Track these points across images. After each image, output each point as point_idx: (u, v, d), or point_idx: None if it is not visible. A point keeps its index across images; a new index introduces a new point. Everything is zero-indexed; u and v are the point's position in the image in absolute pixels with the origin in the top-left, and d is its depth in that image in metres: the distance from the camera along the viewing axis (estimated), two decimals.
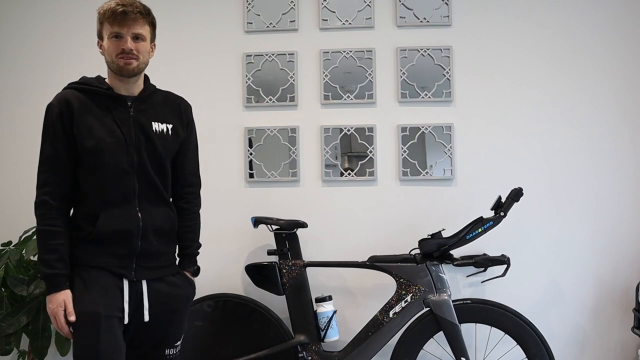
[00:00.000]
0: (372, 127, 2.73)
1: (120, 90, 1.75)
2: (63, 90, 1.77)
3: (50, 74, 2.85)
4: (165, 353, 1.79)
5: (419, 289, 2.37)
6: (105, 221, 1.68)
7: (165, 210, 1.80)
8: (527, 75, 2.72)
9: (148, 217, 1.73)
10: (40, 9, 2.87)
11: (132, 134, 1.73)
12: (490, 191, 2.61)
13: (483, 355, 2.59)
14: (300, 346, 2.45)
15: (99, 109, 1.72)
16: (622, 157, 2.68)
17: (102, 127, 1.70)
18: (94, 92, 1.74)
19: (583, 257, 2.66)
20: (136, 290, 1.71)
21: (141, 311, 1.71)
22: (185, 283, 1.84)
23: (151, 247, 1.74)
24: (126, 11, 1.67)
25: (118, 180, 1.70)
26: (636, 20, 2.70)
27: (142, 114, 1.76)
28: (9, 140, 2.86)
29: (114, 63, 1.71)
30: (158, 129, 1.77)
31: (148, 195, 1.74)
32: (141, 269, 1.72)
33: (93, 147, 1.68)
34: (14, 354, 2.58)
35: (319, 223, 2.70)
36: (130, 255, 1.71)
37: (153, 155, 1.75)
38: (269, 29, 2.79)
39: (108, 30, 1.70)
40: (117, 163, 1.70)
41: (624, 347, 2.64)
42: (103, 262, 1.69)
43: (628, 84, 2.69)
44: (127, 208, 1.71)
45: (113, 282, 1.68)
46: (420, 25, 2.75)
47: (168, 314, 1.77)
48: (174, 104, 1.85)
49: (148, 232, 1.73)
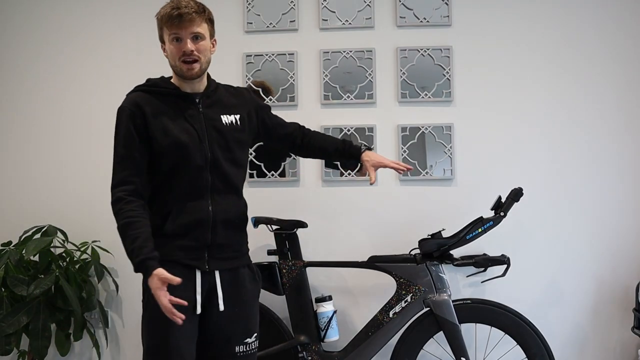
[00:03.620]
0: (372, 127, 2.73)
1: (186, 89, 1.79)
2: (132, 93, 1.80)
3: (50, 75, 2.85)
4: (236, 350, 1.78)
5: (419, 289, 2.37)
6: (177, 215, 1.72)
7: (236, 202, 1.83)
8: (528, 75, 2.72)
9: (219, 209, 1.76)
10: (43, 9, 2.87)
11: (204, 129, 1.76)
12: (490, 191, 2.61)
13: (483, 355, 2.59)
14: (300, 346, 2.45)
15: (170, 109, 1.76)
16: (622, 157, 2.68)
17: (175, 126, 1.74)
18: (162, 92, 1.78)
19: (583, 257, 2.66)
20: (209, 280, 1.74)
21: (215, 301, 1.73)
22: (253, 276, 1.86)
23: (222, 238, 1.76)
24: (181, 13, 1.69)
25: (193, 176, 1.73)
26: (637, 19, 2.70)
27: (210, 109, 1.80)
28: (9, 140, 2.86)
29: (177, 67, 1.75)
30: (227, 121, 1.81)
31: (220, 189, 1.77)
32: (214, 260, 1.75)
33: (169, 145, 1.71)
34: (14, 354, 2.58)
35: (319, 223, 2.70)
36: (202, 247, 1.73)
37: (226, 148, 1.79)
38: (269, 29, 2.79)
39: (167, 34, 1.73)
40: (193, 159, 1.73)
41: (624, 347, 2.64)
42: (174, 256, 1.70)
43: (629, 84, 2.69)
44: (199, 202, 1.74)
45: (184, 275, 1.68)
46: (420, 25, 2.75)
47: (236, 306, 1.77)
48: (236, 94, 1.91)
49: (218, 224, 1.75)
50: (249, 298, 1.83)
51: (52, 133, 2.83)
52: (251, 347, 1.82)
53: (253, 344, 1.82)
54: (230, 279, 1.78)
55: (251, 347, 1.82)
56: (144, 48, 2.79)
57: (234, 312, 1.77)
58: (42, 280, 2.40)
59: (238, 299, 1.79)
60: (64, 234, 2.65)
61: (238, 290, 1.79)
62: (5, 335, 2.38)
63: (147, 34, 2.76)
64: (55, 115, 2.83)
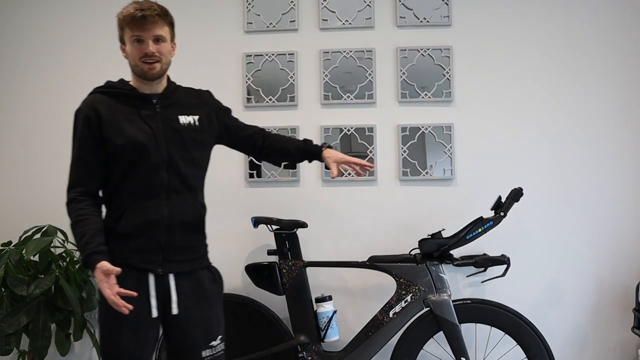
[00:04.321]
0: (372, 127, 2.73)
1: (144, 90, 1.80)
2: (89, 96, 1.81)
3: (51, 75, 2.85)
4: (203, 355, 1.77)
5: (419, 289, 2.37)
6: (130, 215, 1.72)
7: (193, 204, 1.81)
8: (528, 75, 2.72)
9: (176, 210, 1.75)
10: (43, 9, 2.87)
11: (161, 129, 1.76)
12: (490, 191, 2.61)
13: (483, 355, 2.59)
14: (300, 346, 2.45)
15: (127, 110, 1.77)
16: (622, 157, 2.68)
17: (131, 126, 1.74)
18: (120, 94, 1.79)
19: (583, 257, 2.66)
20: (163, 284, 1.73)
21: (169, 305, 1.72)
22: (213, 278, 1.85)
23: (177, 240, 1.75)
24: (145, 15, 1.70)
25: (148, 176, 1.73)
26: (637, 19, 2.70)
27: (168, 110, 1.80)
28: (9, 140, 2.86)
29: (138, 67, 1.76)
30: (185, 121, 1.81)
31: (177, 189, 1.76)
32: (168, 263, 1.74)
33: (124, 145, 1.71)
34: (14, 354, 2.58)
35: (319, 223, 2.70)
36: (156, 250, 1.73)
37: (183, 148, 1.79)
38: (269, 29, 2.79)
39: (129, 34, 1.74)
40: (149, 159, 1.73)
41: (624, 347, 2.64)
42: (128, 259, 1.70)
43: (629, 84, 2.69)
44: (154, 202, 1.73)
45: (137, 279, 1.69)
46: (420, 25, 2.75)
47: (197, 309, 1.77)
48: (196, 96, 1.91)
49: (174, 226, 1.74)
50: (210, 300, 1.81)
51: (52, 133, 2.83)
52: (217, 350, 1.81)
53: (219, 347, 1.81)
54: (188, 282, 1.76)
55: (217, 350, 1.80)
56: None
57: (196, 315, 1.76)
58: (42, 280, 2.40)
59: (198, 302, 1.77)
60: (64, 234, 2.64)
61: (197, 293, 1.78)
62: (5, 335, 2.38)
63: None
64: (55, 115, 2.83)
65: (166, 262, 1.73)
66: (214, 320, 1.82)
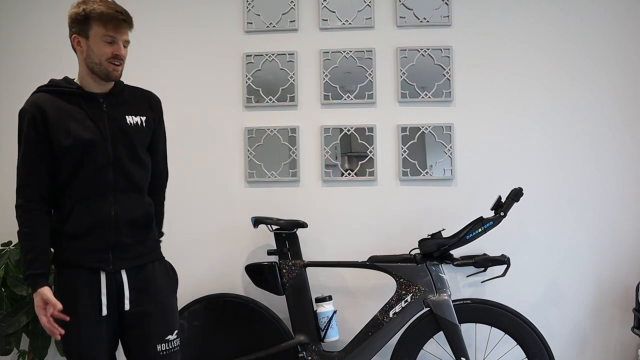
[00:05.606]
0: (372, 127, 2.73)
1: (92, 88, 1.78)
2: (33, 95, 1.80)
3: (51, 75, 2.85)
4: (158, 349, 1.76)
5: (419, 289, 2.37)
6: (78, 215, 1.72)
7: (140, 202, 1.81)
8: (528, 75, 2.72)
9: (123, 209, 1.75)
10: (43, 8, 2.87)
11: (107, 128, 1.75)
12: (490, 191, 2.61)
13: (483, 355, 2.59)
14: (300, 346, 2.45)
15: (73, 108, 1.75)
16: (622, 157, 2.68)
17: (77, 125, 1.73)
18: (65, 92, 1.78)
19: (583, 257, 2.66)
20: (115, 280, 1.73)
21: (122, 301, 1.73)
22: (166, 272, 1.85)
23: (126, 238, 1.75)
24: (124, 19, 1.72)
25: (95, 175, 1.73)
26: (637, 17, 2.70)
27: (115, 109, 1.79)
28: (9, 139, 2.86)
29: (102, 65, 1.73)
30: (132, 121, 1.80)
31: (124, 188, 1.76)
32: (118, 260, 1.74)
33: (70, 145, 1.71)
34: (14, 354, 2.58)
35: (319, 223, 2.70)
36: (106, 249, 1.73)
37: (130, 148, 1.78)
38: (269, 29, 2.79)
39: (101, 33, 1.71)
40: (95, 158, 1.72)
41: (624, 347, 2.64)
42: (77, 259, 1.71)
43: (629, 84, 2.69)
44: (101, 202, 1.73)
45: (88, 279, 1.71)
46: (420, 25, 2.75)
47: (151, 303, 1.77)
48: (144, 98, 1.89)
49: (122, 224, 1.74)
50: (164, 293, 1.81)
51: None
52: (174, 345, 1.80)
53: (175, 342, 1.80)
54: (139, 276, 1.77)
55: (173, 344, 1.80)
56: (145, 47, 2.79)
57: (150, 309, 1.76)
58: None
59: (151, 296, 1.77)
60: None
61: (149, 286, 1.78)
62: (5, 335, 2.38)
63: (147, 33, 2.76)
64: None
65: (117, 260, 1.74)
66: (170, 314, 1.81)
